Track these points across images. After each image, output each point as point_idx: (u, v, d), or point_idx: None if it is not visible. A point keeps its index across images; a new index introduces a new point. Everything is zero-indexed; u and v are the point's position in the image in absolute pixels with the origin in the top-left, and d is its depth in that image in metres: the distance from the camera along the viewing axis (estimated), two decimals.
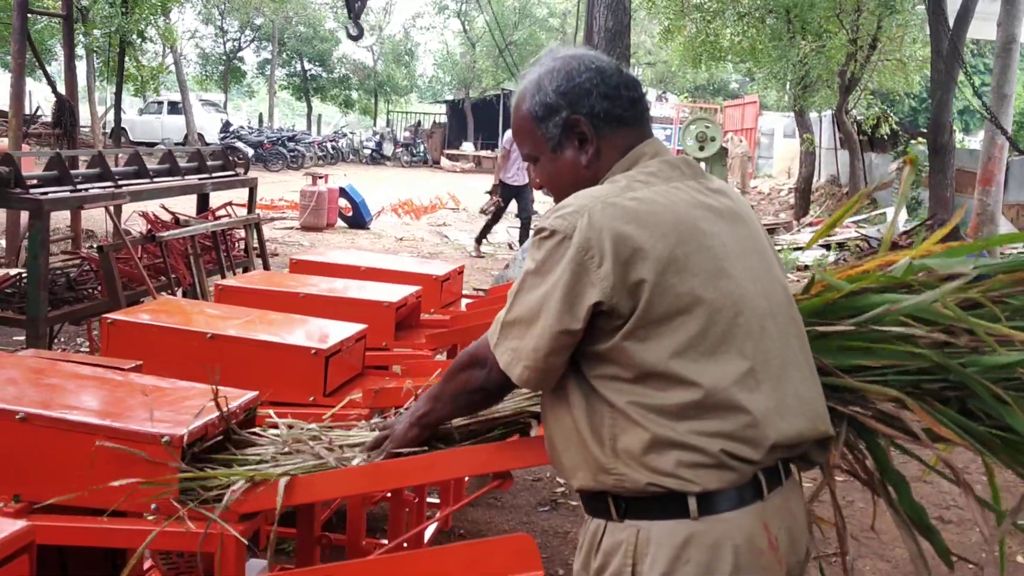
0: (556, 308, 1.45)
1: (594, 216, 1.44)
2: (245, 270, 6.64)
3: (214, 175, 6.32)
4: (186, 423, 1.88)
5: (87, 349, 5.63)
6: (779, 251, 11.84)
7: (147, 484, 1.79)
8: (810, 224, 13.79)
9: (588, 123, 1.58)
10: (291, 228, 12.57)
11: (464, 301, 4.07)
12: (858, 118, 16.00)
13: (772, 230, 14.35)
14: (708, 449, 1.41)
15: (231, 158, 6.73)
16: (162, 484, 1.81)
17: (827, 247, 11.49)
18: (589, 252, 1.43)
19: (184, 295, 5.75)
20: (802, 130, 17.30)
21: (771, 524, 1.46)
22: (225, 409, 1.99)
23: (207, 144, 20.50)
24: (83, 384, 2.11)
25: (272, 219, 12.38)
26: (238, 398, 2.10)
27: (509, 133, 11.04)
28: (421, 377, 2.78)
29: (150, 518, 1.81)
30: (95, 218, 9.28)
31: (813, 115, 18.40)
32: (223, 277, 6.15)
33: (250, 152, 19.98)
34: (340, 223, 13.38)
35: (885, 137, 16.28)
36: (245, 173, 6.74)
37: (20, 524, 1.47)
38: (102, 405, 1.98)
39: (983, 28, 9.75)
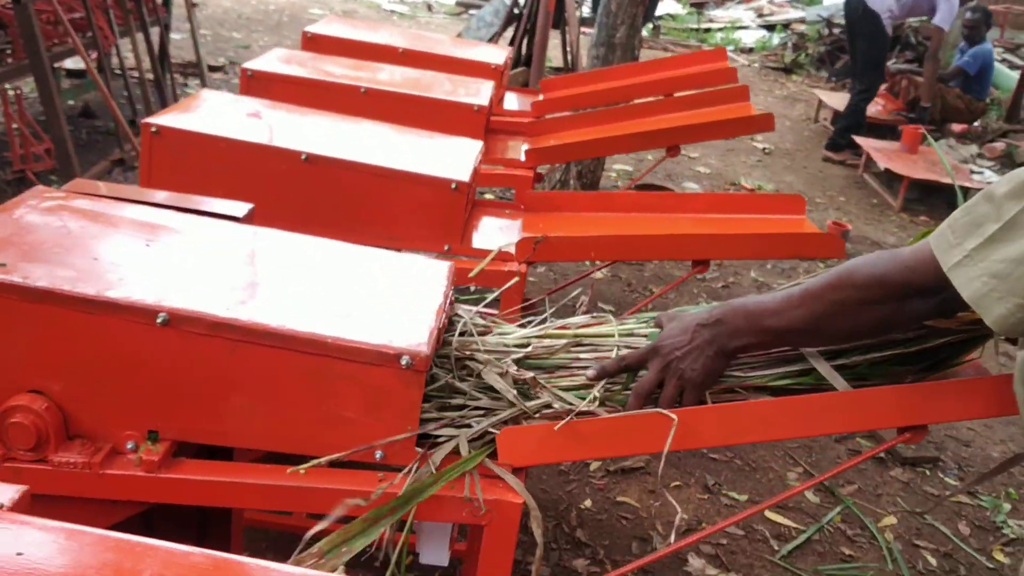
0: None
1: None
2: (166, 29, 5.57)
3: None
4: (416, 330, 1.24)
5: None
6: (720, 29, 11.15)
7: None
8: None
9: None
10: None
11: (510, 95, 3.37)
12: None
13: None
14: None
15: None
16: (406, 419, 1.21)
17: (770, 28, 10.95)
18: None
19: (100, 61, 4.73)
20: None
21: None
22: (450, 302, 1.36)
23: None
24: (215, 253, 1.39)
25: None
26: (437, 270, 1.46)
27: None
28: (551, 213, 2.20)
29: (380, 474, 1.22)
30: None
31: None
32: (146, 36, 5.11)
33: None
34: None
35: None
36: None
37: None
38: (268, 297, 1.29)
39: None
